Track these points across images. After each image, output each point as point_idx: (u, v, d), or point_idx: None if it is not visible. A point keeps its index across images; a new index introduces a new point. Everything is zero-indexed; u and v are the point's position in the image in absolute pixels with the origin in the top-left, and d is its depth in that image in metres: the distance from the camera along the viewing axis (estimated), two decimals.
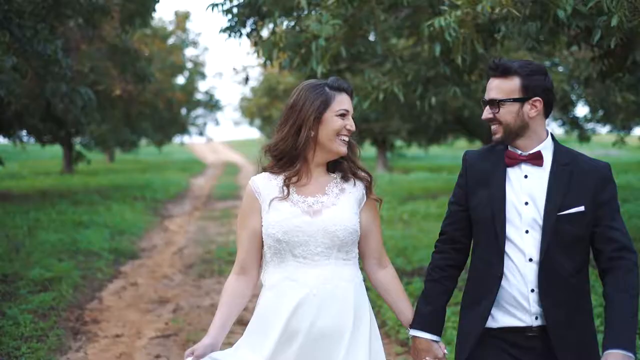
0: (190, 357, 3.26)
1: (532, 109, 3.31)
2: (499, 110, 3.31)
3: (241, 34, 9.04)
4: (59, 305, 8.40)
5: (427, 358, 3.39)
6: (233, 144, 75.73)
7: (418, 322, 3.44)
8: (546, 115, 3.38)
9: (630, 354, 3.12)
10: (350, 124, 3.41)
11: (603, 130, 35.11)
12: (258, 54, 7.82)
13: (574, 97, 20.29)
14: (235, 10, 8.23)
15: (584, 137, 33.91)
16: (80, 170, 30.63)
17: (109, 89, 17.49)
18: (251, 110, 38.44)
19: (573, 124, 23.77)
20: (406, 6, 6.96)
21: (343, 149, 3.41)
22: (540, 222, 3.25)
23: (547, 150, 3.36)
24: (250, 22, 9.01)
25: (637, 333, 4.21)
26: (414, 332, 3.44)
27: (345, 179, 3.48)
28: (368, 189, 3.48)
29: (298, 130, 3.36)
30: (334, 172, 3.50)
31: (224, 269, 10.75)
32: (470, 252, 3.50)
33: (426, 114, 16.20)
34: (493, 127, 3.37)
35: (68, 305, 8.55)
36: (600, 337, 3.30)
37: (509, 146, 3.38)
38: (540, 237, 3.24)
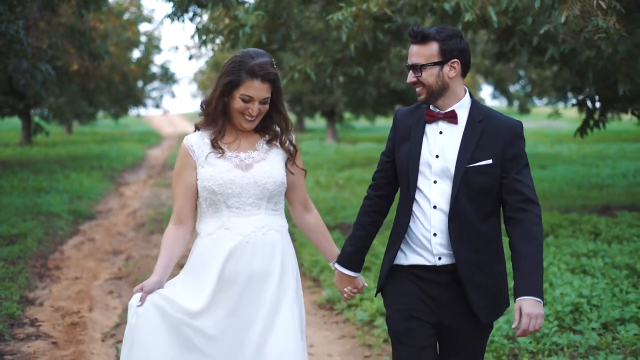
0: (140, 292, 3.56)
1: (451, 70, 3.54)
2: (422, 73, 3.54)
3: (184, 19, 10.38)
4: (25, 255, 9.67)
5: (348, 288, 3.83)
6: (190, 116, 76.26)
7: (341, 259, 3.83)
8: (464, 75, 3.63)
9: (540, 299, 3.37)
10: (252, 108, 3.60)
11: (540, 103, 36.98)
12: (194, 38, 9.18)
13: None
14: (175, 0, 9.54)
15: (524, 110, 35.71)
16: (39, 141, 31.50)
17: (66, 65, 18.58)
18: (205, 84, 39.68)
19: (504, 94, 25.41)
20: (315, 2, 8.38)
21: (247, 126, 3.66)
22: (448, 173, 3.51)
23: (463, 108, 3.59)
24: (191, 8, 10.35)
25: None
26: (337, 267, 3.84)
27: (269, 142, 3.74)
28: (290, 160, 3.76)
29: (214, 97, 3.66)
30: (261, 132, 3.75)
31: None
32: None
33: (362, 88, 17.69)
34: (417, 89, 3.60)
35: (33, 255, 9.84)
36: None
37: (430, 105, 3.62)
38: (450, 187, 3.51)
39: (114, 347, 6.47)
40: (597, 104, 11.20)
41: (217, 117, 3.66)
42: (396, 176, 3.69)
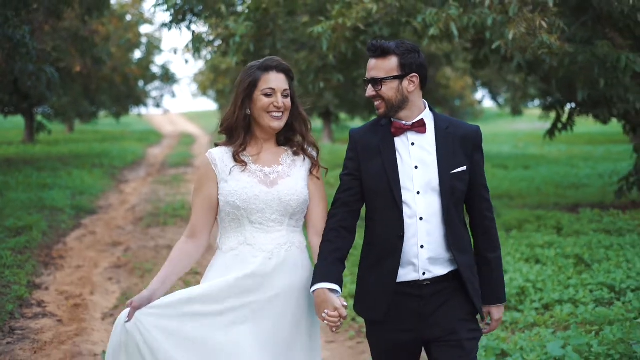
0: (129, 307, 3.51)
1: (410, 84, 3.54)
2: (381, 87, 3.52)
3: (181, 28, 11.16)
4: (31, 245, 10.42)
5: (325, 312, 3.41)
6: (191, 116, 76.88)
7: (315, 278, 3.52)
8: (422, 88, 3.61)
9: (504, 303, 3.75)
10: (277, 101, 3.61)
11: (531, 105, 37.69)
12: (188, 46, 9.98)
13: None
14: (172, 10, 10.32)
15: (516, 112, 36.52)
16: (42, 140, 32.21)
17: (69, 66, 19.38)
18: (205, 85, 40.54)
19: (493, 97, 26.25)
20: (300, 14, 9.18)
21: (275, 124, 3.63)
22: (432, 183, 3.51)
23: (428, 118, 3.61)
24: (188, 17, 11.14)
25: None
26: (312, 288, 3.51)
27: (295, 153, 3.72)
28: (314, 166, 3.70)
29: (235, 108, 3.63)
30: (285, 146, 3.75)
31: (168, 221, 12.98)
32: (365, 218, 3.69)
33: (351, 90, 18.56)
34: (376, 103, 3.57)
35: (39, 246, 10.60)
36: None
37: (392, 119, 3.58)
38: (436, 197, 3.51)
39: (113, 325, 7.25)
40: (567, 108, 12.00)
41: (239, 129, 3.66)
42: (363, 194, 3.62)
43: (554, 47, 6.92)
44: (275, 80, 3.62)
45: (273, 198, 3.56)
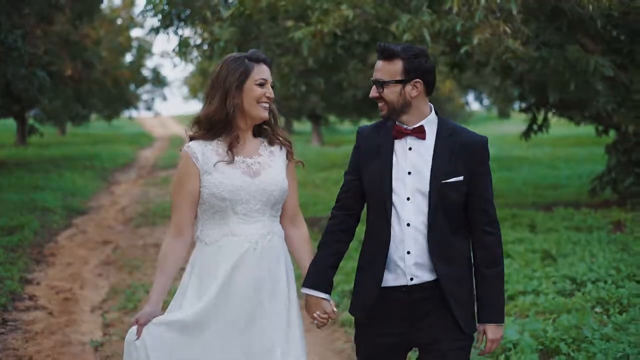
0: (135, 325, 3.50)
1: (413, 89, 3.51)
2: (384, 90, 3.51)
3: (168, 32, 11.53)
4: (23, 244, 10.75)
5: (317, 313, 3.61)
6: (182, 118, 77.11)
7: (307, 281, 3.65)
8: (428, 94, 3.58)
9: (502, 323, 3.60)
10: (269, 91, 3.65)
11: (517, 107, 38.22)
12: (174, 50, 10.36)
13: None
14: (160, 15, 10.70)
15: (504, 115, 37.04)
16: (33, 142, 32.48)
17: (61, 70, 19.75)
18: (195, 88, 40.95)
19: (479, 100, 26.66)
20: (282, 18, 9.57)
21: (265, 114, 3.65)
22: (423, 190, 3.49)
23: (430, 124, 3.57)
24: (175, 22, 11.51)
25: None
26: (304, 290, 3.66)
27: (271, 143, 3.74)
28: (289, 153, 3.74)
29: (224, 100, 3.58)
30: (259, 136, 3.76)
31: (157, 221, 13.34)
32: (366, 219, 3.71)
33: (337, 93, 18.98)
34: (379, 104, 3.58)
35: (31, 244, 10.94)
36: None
37: (396, 121, 3.58)
38: (425, 204, 3.48)
39: (101, 316, 7.62)
40: (542, 110, 12.43)
41: (231, 122, 3.63)
42: (363, 195, 3.64)
43: (518, 52, 7.34)
44: (266, 72, 3.66)
45: (257, 189, 3.57)
